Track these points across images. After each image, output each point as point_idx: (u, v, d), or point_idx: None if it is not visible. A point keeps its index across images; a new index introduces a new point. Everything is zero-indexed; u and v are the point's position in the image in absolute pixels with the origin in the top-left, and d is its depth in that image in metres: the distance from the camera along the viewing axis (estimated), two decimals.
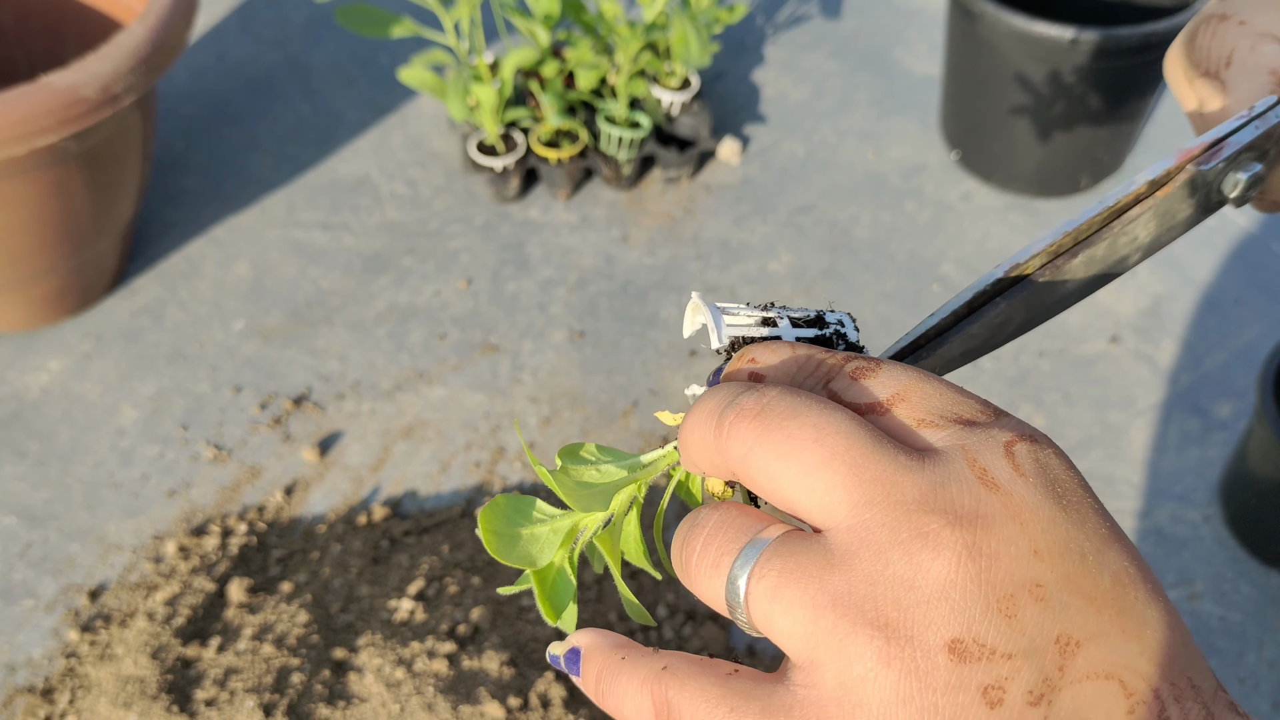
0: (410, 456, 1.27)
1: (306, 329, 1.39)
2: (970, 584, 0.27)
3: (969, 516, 0.28)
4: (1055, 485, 0.29)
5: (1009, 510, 0.28)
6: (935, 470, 0.29)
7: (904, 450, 0.29)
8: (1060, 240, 0.38)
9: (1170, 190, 0.38)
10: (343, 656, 1.07)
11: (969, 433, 0.29)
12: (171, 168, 1.56)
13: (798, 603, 0.28)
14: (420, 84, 1.42)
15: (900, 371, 0.31)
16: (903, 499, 0.28)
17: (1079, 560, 0.28)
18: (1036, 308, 0.38)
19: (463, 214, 1.52)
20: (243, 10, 1.81)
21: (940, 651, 0.27)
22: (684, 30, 1.41)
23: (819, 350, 0.33)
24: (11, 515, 1.21)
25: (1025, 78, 1.41)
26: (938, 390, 0.31)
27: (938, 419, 0.30)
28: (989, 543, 0.28)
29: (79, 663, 1.09)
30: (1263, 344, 1.37)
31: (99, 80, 1.14)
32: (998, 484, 0.28)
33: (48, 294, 1.34)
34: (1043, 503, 0.28)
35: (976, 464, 0.29)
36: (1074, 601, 0.28)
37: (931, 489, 0.28)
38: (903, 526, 0.28)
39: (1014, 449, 0.29)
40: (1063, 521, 0.29)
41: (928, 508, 0.28)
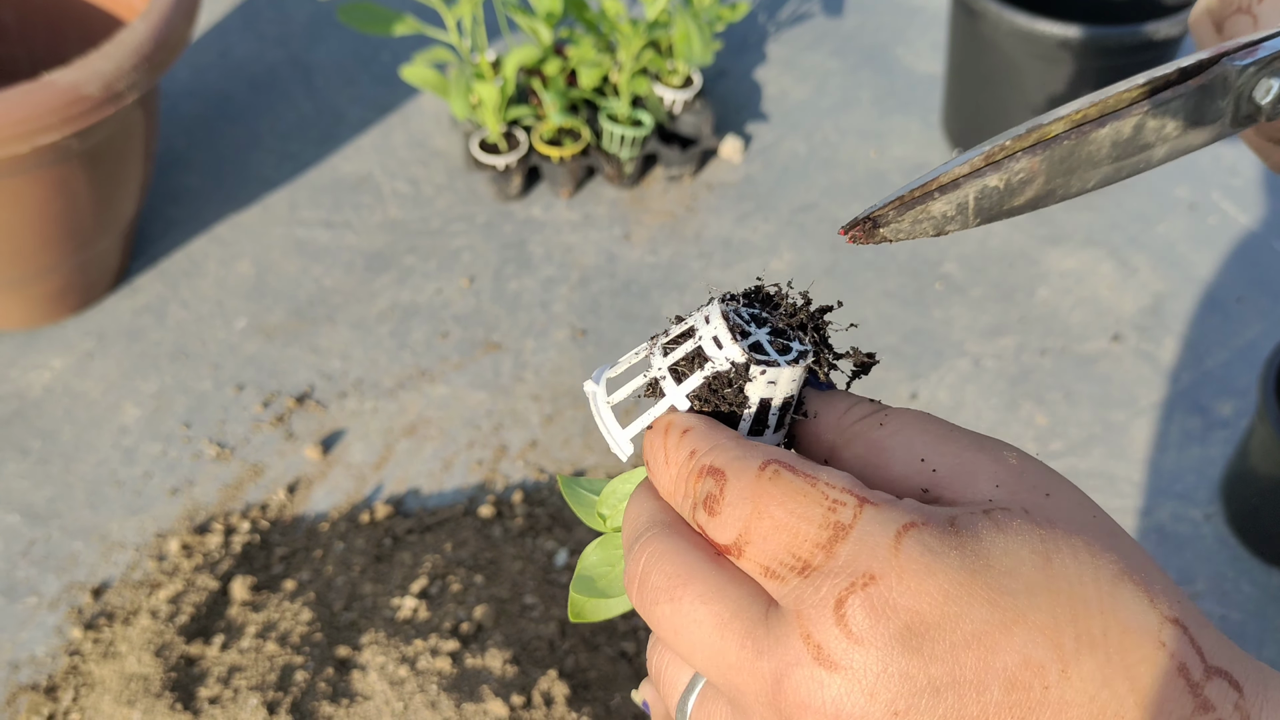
0: (413, 454, 1.27)
1: (309, 327, 1.39)
2: None
3: (817, 706, 0.28)
4: (900, 634, 0.28)
5: (853, 686, 0.28)
6: (777, 654, 0.29)
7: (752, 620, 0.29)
8: (1086, 109, 0.36)
9: (1203, 80, 0.37)
10: (346, 654, 1.08)
11: (803, 589, 0.29)
12: (174, 165, 1.56)
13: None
14: (422, 82, 1.42)
15: (742, 497, 0.30)
16: (760, 691, 0.29)
17: (953, 695, 0.27)
18: (1057, 174, 0.36)
19: (465, 212, 1.52)
20: (245, 8, 1.81)
21: None
22: (686, 28, 1.41)
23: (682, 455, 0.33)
24: (15, 513, 1.22)
25: (1028, 75, 1.41)
26: (775, 524, 0.30)
27: (778, 567, 0.29)
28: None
29: (82, 660, 1.09)
30: (1264, 342, 1.37)
31: (101, 78, 1.14)
32: (835, 662, 0.28)
33: (50, 292, 1.34)
34: (888, 663, 0.27)
35: (811, 639, 0.28)
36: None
37: (777, 682, 0.28)
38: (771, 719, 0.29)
39: (845, 610, 0.28)
40: (919, 669, 0.27)
41: (782, 703, 0.28)
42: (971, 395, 1.33)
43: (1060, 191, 0.36)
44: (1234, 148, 1.60)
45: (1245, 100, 0.37)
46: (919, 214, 0.35)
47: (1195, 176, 1.57)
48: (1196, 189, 1.55)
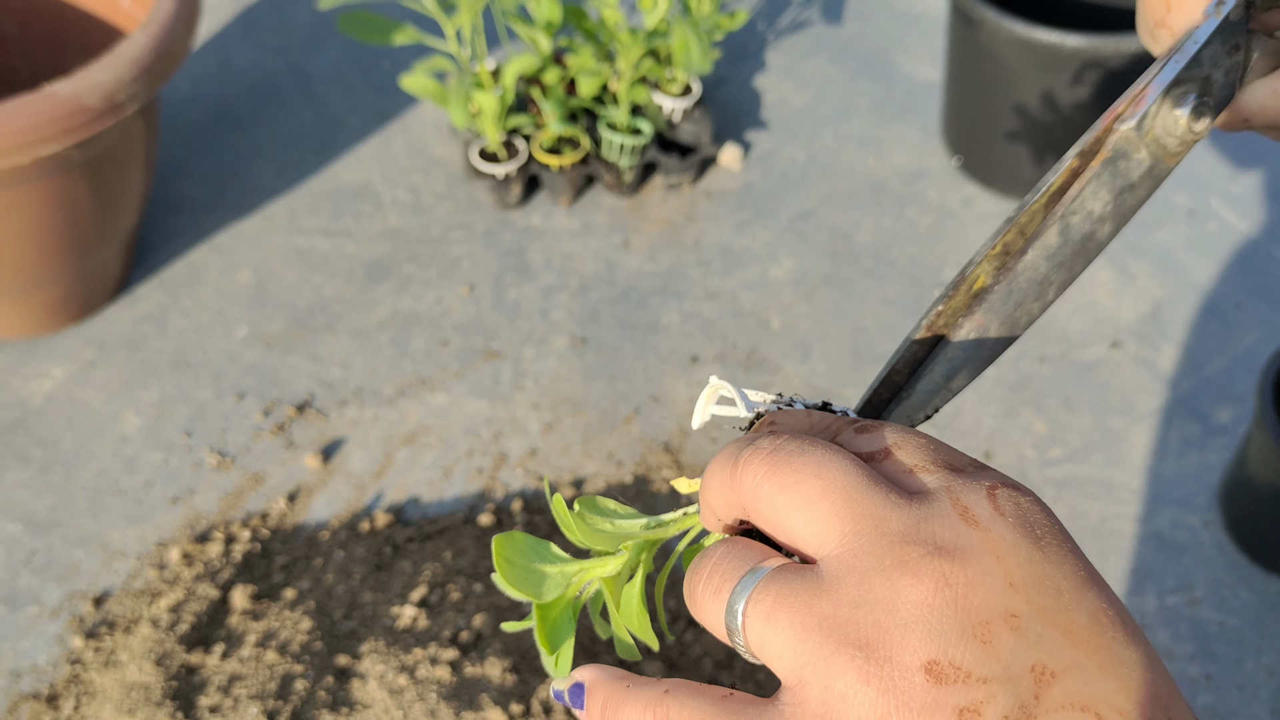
0: (412, 463, 1.27)
1: (309, 336, 1.39)
2: (946, 609, 0.29)
3: (948, 548, 0.30)
4: (1034, 527, 0.31)
5: (986, 545, 0.30)
6: (921, 507, 0.31)
7: (895, 490, 0.31)
8: (1006, 238, 0.37)
9: (1106, 154, 0.37)
10: (346, 663, 1.08)
11: (955, 477, 0.32)
12: (174, 175, 1.57)
13: (788, 625, 0.30)
14: (422, 91, 1.43)
15: (898, 429, 0.34)
16: (889, 531, 0.30)
17: (1054, 596, 0.30)
18: (1009, 312, 0.37)
19: (464, 220, 1.52)
20: (245, 17, 1.81)
21: (917, 671, 0.28)
22: (685, 37, 1.41)
23: (830, 415, 0.36)
24: (16, 522, 1.22)
25: (1026, 84, 1.42)
26: (930, 443, 0.33)
27: (929, 465, 0.32)
28: (966, 572, 0.29)
29: (83, 669, 1.10)
30: (1263, 349, 1.38)
31: (102, 89, 1.14)
32: (978, 521, 0.30)
33: (51, 301, 1.34)
34: (1020, 541, 0.30)
35: (959, 502, 0.31)
36: (1049, 634, 0.29)
37: (915, 523, 0.30)
38: (886, 555, 0.30)
39: (996, 493, 0.31)
40: (1039, 559, 0.30)
41: (911, 539, 0.30)
42: (970, 402, 1.33)
43: (1024, 320, 0.38)
44: (1233, 154, 1.61)
45: (1168, 139, 0.37)
46: (899, 414, 0.38)
47: (1194, 183, 1.57)
48: (1195, 196, 1.56)
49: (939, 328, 0.37)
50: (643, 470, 1.26)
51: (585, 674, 0.36)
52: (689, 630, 1.13)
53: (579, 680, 0.36)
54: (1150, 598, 1.18)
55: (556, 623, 0.39)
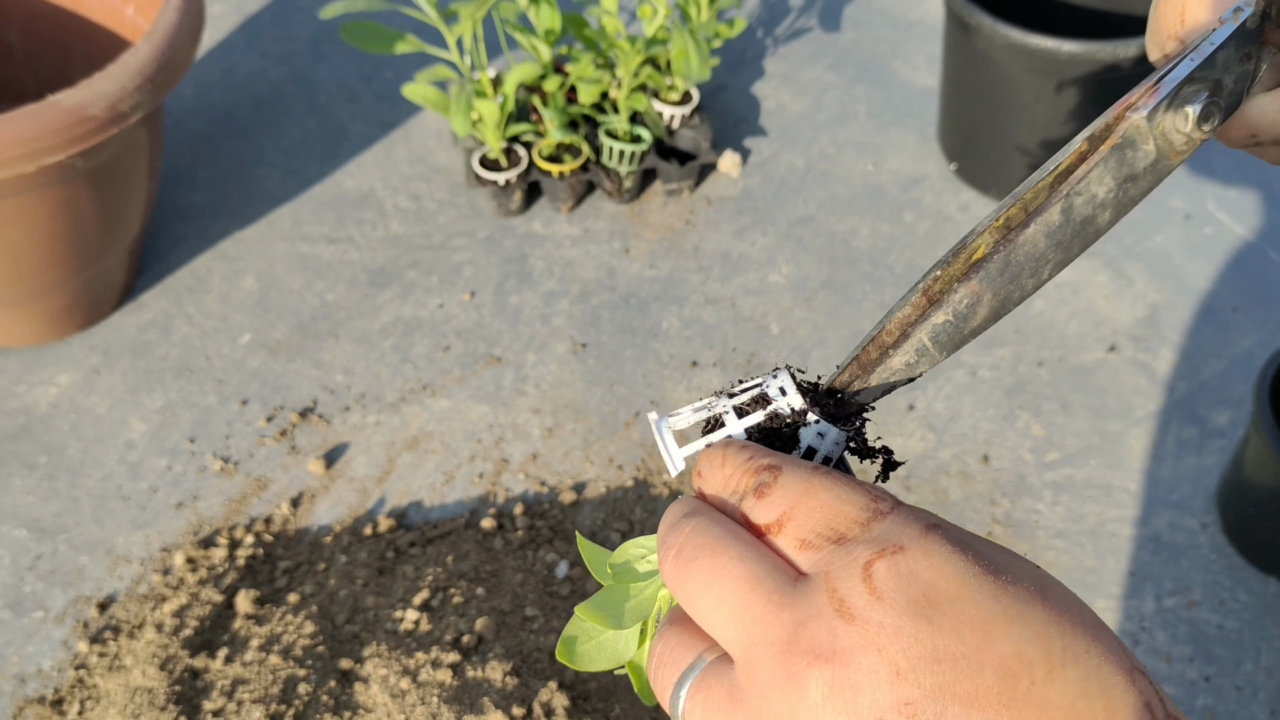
0: (415, 468, 1.28)
1: (312, 342, 1.40)
2: (838, 717, 0.29)
3: (826, 653, 0.30)
4: (917, 600, 0.30)
5: (865, 639, 0.30)
6: (800, 608, 0.31)
7: (780, 582, 0.32)
8: (1009, 211, 0.37)
9: (1115, 140, 0.37)
10: (349, 667, 1.09)
11: (835, 555, 0.31)
12: (178, 182, 1.58)
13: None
14: (424, 99, 1.44)
15: (792, 484, 0.34)
16: (776, 640, 0.31)
17: (950, 668, 0.29)
18: (1003, 285, 0.37)
19: (466, 227, 1.53)
20: (248, 26, 1.83)
21: None
22: (684, 45, 1.42)
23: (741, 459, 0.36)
24: (21, 528, 1.23)
25: (1022, 89, 1.43)
26: (820, 504, 0.33)
27: (815, 539, 0.32)
28: (848, 675, 0.29)
29: (88, 674, 1.11)
30: (1260, 352, 1.38)
31: (106, 99, 1.16)
32: (854, 615, 0.30)
33: (56, 309, 1.35)
34: (901, 623, 0.30)
35: (835, 594, 0.30)
36: (950, 710, 0.29)
37: (795, 629, 0.30)
38: (777, 667, 0.30)
39: (872, 570, 0.31)
40: (926, 634, 0.29)
41: (793, 649, 0.30)
42: (968, 406, 1.34)
43: (1016, 296, 0.37)
44: (1229, 158, 1.62)
45: (1174, 135, 0.37)
46: (883, 372, 0.38)
47: (1190, 187, 1.58)
48: (1192, 200, 1.56)
49: (933, 293, 0.37)
50: (643, 474, 1.27)
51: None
52: None
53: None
54: (1148, 600, 1.18)
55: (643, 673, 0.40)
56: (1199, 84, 0.37)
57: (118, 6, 1.40)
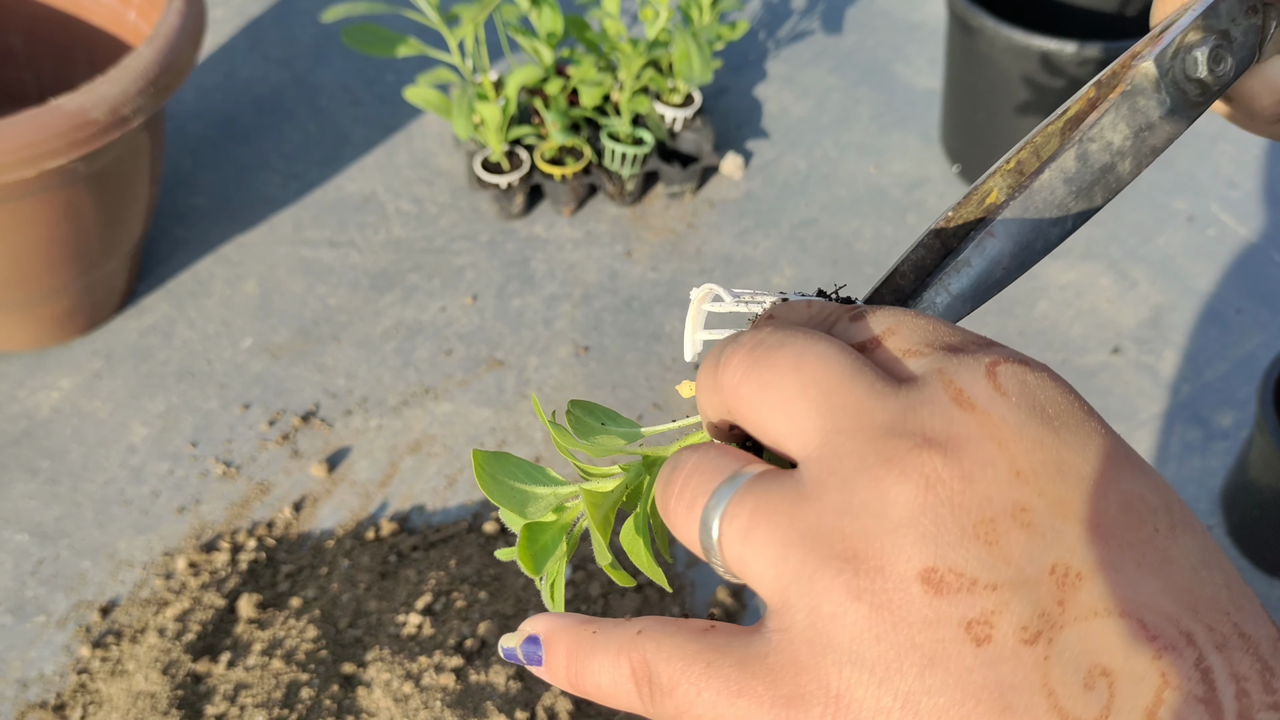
0: (417, 472, 1.28)
1: (314, 346, 1.40)
2: (941, 508, 0.25)
3: (939, 439, 0.26)
4: (1045, 406, 0.26)
5: (986, 430, 0.26)
6: (909, 395, 0.27)
7: (883, 378, 0.27)
8: (1020, 155, 0.36)
9: (1124, 87, 0.36)
10: (351, 671, 1.08)
11: (951, 357, 0.28)
12: (180, 187, 1.58)
13: (767, 542, 0.26)
14: (425, 102, 1.44)
15: (896, 310, 0.30)
16: (873, 424, 0.26)
17: (1075, 484, 0.26)
18: (1024, 233, 0.35)
19: (468, 231, 1.53)
20: (250, 30, 1.83)
21: (913, 583, 0.25)
22: (686, 47, 1.42)
23: (829, 304, 0.32)
24: (23, 532, 1.23)
25: (1025, 91, 1.43)
26: (929, 323, 0.29)
27: (923, 347, 0.28)
28: (962, 464, 0.25)
29: (90, 679, 1.10)
30: (1264, 354, 1.38)
31: (108, 103, 1.16)
32: (974, 404, 0.26)
33: (58, 314, 1.35)
34: (1026, 422, 0.26)
35: (953, 385, 0.27)
36: (1070, 529, 0.25)
37: (902, 413, 0.26)
38: (869, 452, 0.26)
39: (996, 369, 0.27)
40: (1052, 443, 0.26)
41: (896, 431, 0.26)
42: None
43: (1039, 245, 0.36)
44: (1232, 159, 1.61)
45: (1187, 82, 0.36)
46: None
47: (1193, 189, 1.58)
48: (1195, 201, 1.56)
49: (947, 236, 0.36)
50: None
51: (539, 624, 0.31)
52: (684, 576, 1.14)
53: (532, 633, 0.31)
54: None
55: (545, 545, 0.34)
56: (1204, 31, 0.36)
57: (119, 10, 1.40)
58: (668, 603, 1.16)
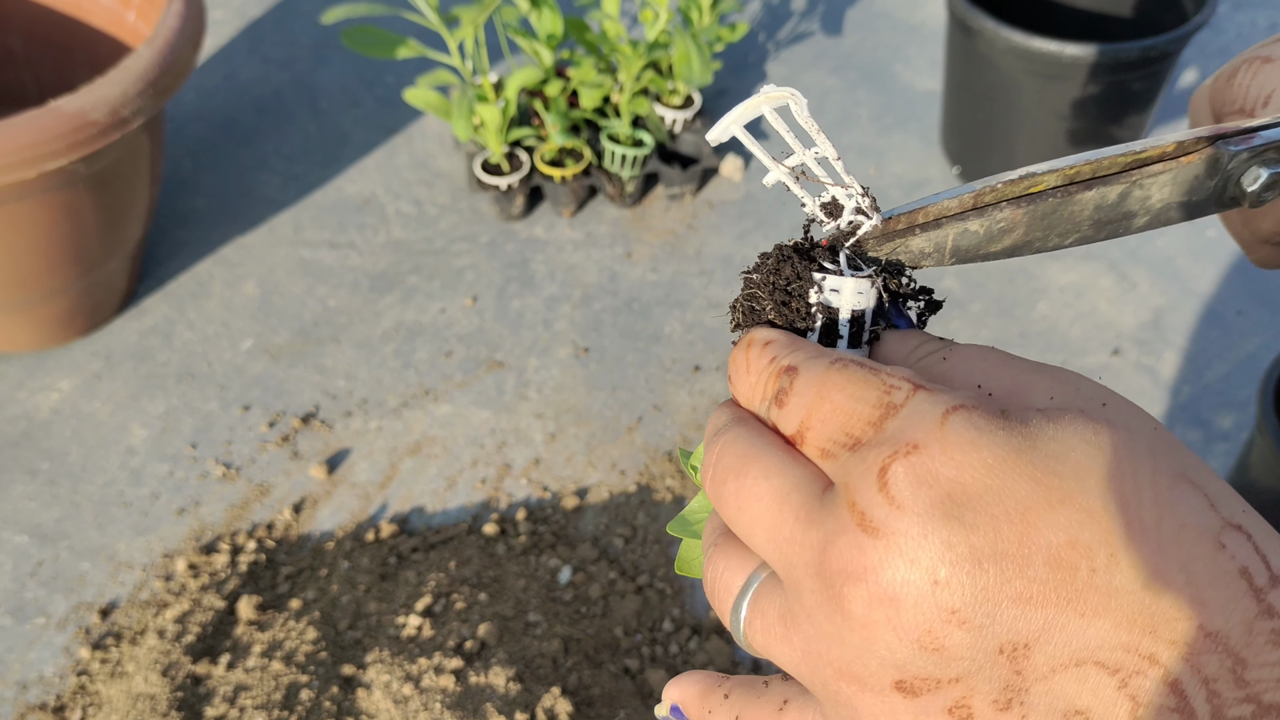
0: (417, 473, 1.28)
1: (314, 347, 1.40)
2: (885, 633, 0.28)
3: (858, 571, 0.28)
4: (941, 501, 0.27)
5: (893, 552, 0.27)
6: (825, 525, 0.29)
7: (808, 496, 0.30)
8: (1080, 167, 0.36)
9: (1195, 159, 0.37)
10: (351, 673, 1.08)
11: (851, 463, 0.29)
12: (180, 188, 1.58)
13: (784, 655, 0.31)
14: (425, 104, 1.44)
15: (809, 385, 0.31)
16: (809, 562, 0.29)
17: (994, 567, 0.27)
18: (1037, 228, 0.37)
19: (468, 232, 1.53)
20: (250, 32, 1.83)
21: (892, 692, 0.28)
22: (686, 49, 1.42)
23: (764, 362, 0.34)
24: (23, 534, 1.23)
25: (1025, 92, 1.43)
26: (834, 407, 0.30)
27: (832, 446, 0.30)
28: (883, 590, 0.27)
29: (90, 680, 1.10)
30: (1264, 355, 1.38)
31: (107, 104, 1.15)
32: (876, 528, 0.28)
33: (58, 314, 1.35)
34: (927, 528, 0.27)
35: (855, 507, 0.28)
36: (1002, 610, 0.27)
37: (823, 549, 0.29)
38: (817, 590, 0.29)
39: (887, 477, 0.28)
40: (960, 536, 0.27)
41: (826, 570, 0.29)
42: None
43: (1036, 244, 0.37)
44: None
45: (1233, 184, 0.37)
46: (897, 246, 0.36)
47: None
48: None
49: (982, 201, 0.37)
50: (645, 479, 1.26)
51: (676, 690, 0.36)
52: (693, 638, 1.14)
53: (673, 701, 0.36)
54: None
55: None
56: None
57: (119, 12, 1.40)
58: (667, 604, 1.16)
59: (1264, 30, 1.86)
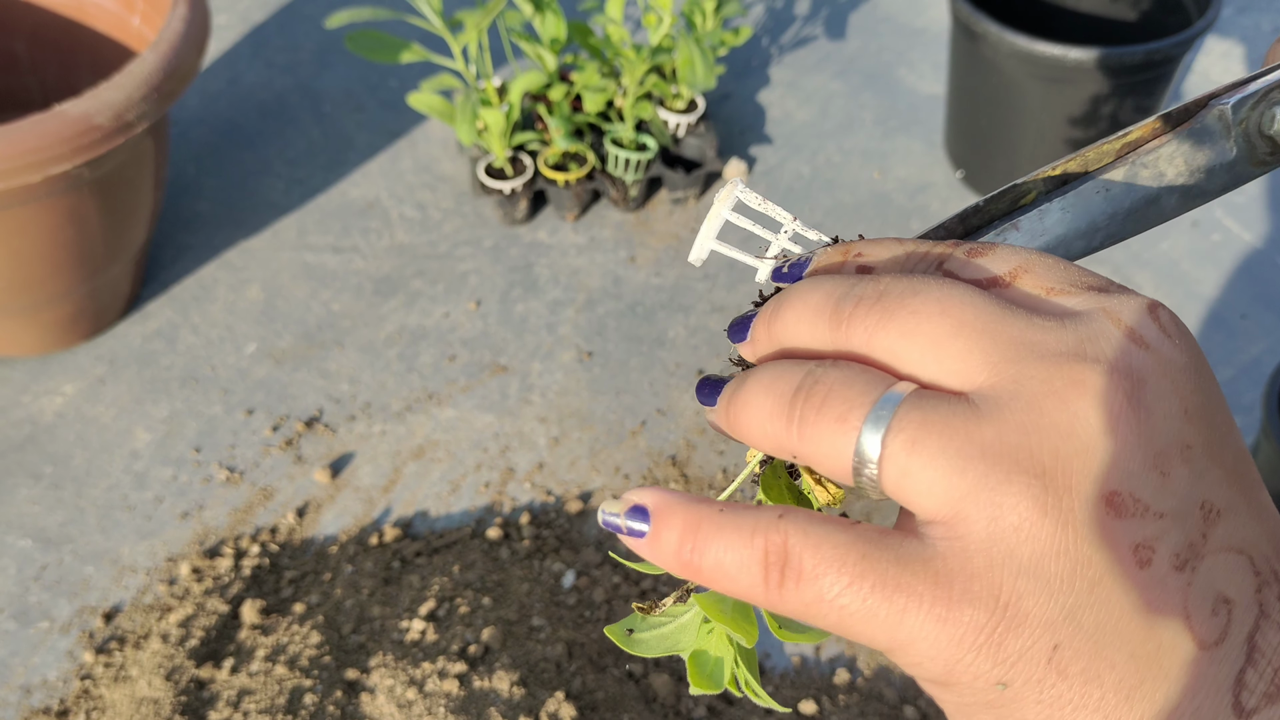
0: (421, 477, 1.28)
1: (318, 351, 1.40)
2: (1130, 436, 0.26)
3: (1124, 369, 0.27)
4: (1194, 351, 0.28)
5: (1161, 368, 0.27)
6: (1080, 327, 0.27)
7: (1039, 314, 0.28)
8: (1068, 165, 0.35)
9: (1192, 124, 0.35)
10: (355, 677, 1.08)
11: (1107, 297, 0.28)
12: (184, 192, 1.58)
13: (942, 454, 0.27)
14: (429, 108, 1.44)
15: (1017, 248, 0.30)
16: (1051, 351, 0.27)
17: (1215, 430, 0.27)
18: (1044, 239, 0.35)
19: (472, 236, 1.53)
20: (254, 36, 1.83)
21: (1098, 503, 0.26)
22: (689, 53, 1.42)
23: (925, 240, 0.32)
24: (27, 538, 1.23)
25: (1029, 96, 1.42)
26: (1059, 263, 0.30)
27: (1068, 287, 0.29)
28: (1145, 397, 0.27)
29: (94, 684, 1.10)
30: (1269, 359, 1.38)
31: (112, 108, 1.16)
32: (1147, 342, 0.27)
33: (62, 319, 1.35)
34: (1188, 366, 0.28)
35: (1122, 323, 0.27)
36: (1213, 470, 0.27)
37: (1079, 343, 0.27)
38: (1056, 376, 0.27)
39: (1158, 312, 0.28)
40: (1203, 389, 0.28)
41: (1081, 358, 0.27)
42: None
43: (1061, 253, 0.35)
44: None
45: (1258, 137, 0.35)
46: None
47: None
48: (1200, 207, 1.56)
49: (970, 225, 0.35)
50: (649, 483, 1.26)
51: (647, 496, 0.30)
52: None
53: (639, 503, 0.30)
54: None
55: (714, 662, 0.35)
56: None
57: (123, 16, 1.40)
58: None
59: (1268, 34, 1.85)
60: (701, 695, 1.09)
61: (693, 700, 1.08)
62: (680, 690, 1.09)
